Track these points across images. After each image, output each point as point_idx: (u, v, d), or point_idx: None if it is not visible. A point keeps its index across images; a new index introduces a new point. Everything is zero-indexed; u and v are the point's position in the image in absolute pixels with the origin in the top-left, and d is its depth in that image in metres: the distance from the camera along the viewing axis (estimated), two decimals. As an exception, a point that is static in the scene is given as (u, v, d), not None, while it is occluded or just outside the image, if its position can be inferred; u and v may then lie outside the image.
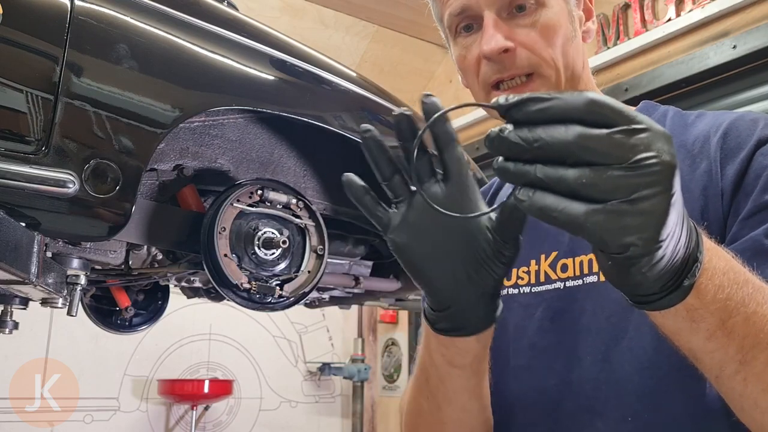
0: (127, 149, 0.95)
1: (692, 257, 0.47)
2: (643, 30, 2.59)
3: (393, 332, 3.93)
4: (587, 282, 0.73)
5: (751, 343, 0.50)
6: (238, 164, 1.29)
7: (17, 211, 0.87)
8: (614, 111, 0.40)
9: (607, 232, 0.39)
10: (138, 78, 0.97)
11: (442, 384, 0.69)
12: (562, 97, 0.40)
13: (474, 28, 0.76)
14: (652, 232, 0.40)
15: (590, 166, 0.39)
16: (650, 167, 0.39)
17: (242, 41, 1.14)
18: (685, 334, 0.51)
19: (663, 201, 0.40)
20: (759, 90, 2.31)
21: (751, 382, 0.51)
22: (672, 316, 0.49)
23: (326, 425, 3.81)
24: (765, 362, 0.51)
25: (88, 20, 0.94)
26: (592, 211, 0.39)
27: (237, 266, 1.16)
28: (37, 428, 2.90)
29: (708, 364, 0.53)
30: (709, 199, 0.67)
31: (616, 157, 0.39)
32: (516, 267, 0.80)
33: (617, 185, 0.39)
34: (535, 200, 0.41)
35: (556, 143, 0.40)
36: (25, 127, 0.88)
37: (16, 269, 0.81)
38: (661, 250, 0.42)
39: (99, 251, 1.16)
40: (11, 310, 1.27)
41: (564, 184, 0.40)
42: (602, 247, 0.42)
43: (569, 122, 0.40)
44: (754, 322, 0.50)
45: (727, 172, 0.66)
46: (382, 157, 0.57)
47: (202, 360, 3.45)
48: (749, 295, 0.50)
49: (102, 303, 1.62)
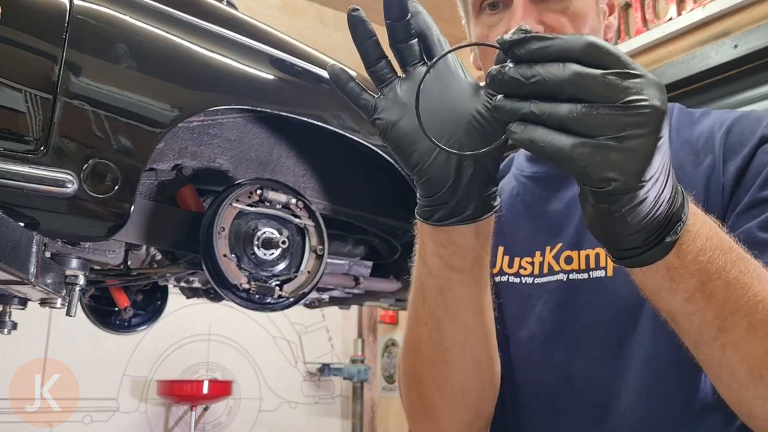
0: (126, 149, 0.95)
1: (676, 216, 0.48)
2: (644, 29, 2.59)
3: (393, 333, 3.93)
4: (593, 276, 0.73)
5: (730, 309, 0.51)
6: (237, 164, 1.29)
7: (16, 210, 0.87)
8: (611, 54, 0.42)
9: (591, 164, 0.41)
10: (137, 77, 0.97)
11: (442, 296, 0.64)
12: (563, 37, 0.43)
13: (500, 7, 0.75)
14: (635, 170, 0.41)
15: (582, 103, 0.41)
16: (640, 109, 0.41)
17: (241, 40, 1.13)
18: (665, 294, 0.51)
19: (649, 142, 0.41)
20: (760, 89, 2.30)
21: (729, 349, 0.52)
22: (653, 274, 0.50)
23: (326, 426, 3.81)
24: (745, 329, 0.51)
25: (87, 19, 0.93)
26: (580, 144, 0.41)
27: (236, 266, 1.16)
28: (37, 428, 2.90)
29: (687, 328, 0.53)
30: (711, 194, 0.67)
31: (608, 97, 0.41)
32: (519, 256, 0.80)
33: (606, 122, 0.40)
34: (525, 132, 0.43)
35: (552, 79, 0.42)
36: (23, 127, 0.88)
37: (14, 269, 0.81)
38: (642, 191, 0.43)
39: (98, 251, 1.16)
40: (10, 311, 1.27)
41: (555, 118, 0.42)
42: (585, 179, 0.43)
43: (568, 61, 0.42)
44: (735, 288, 0.51)
45: (729, 167, 0.67)
46: (368, 39, 0.55)
47: (202, 360, 3.44)
48: (732, 261, 0.51)
49: (101, 303, 1.62)
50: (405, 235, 1.51)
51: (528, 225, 0.81)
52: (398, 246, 1.55)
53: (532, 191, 0.84)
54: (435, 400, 0.71)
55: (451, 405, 0.70)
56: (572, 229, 0.76)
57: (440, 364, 0.68)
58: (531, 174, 0.85)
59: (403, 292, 1.63)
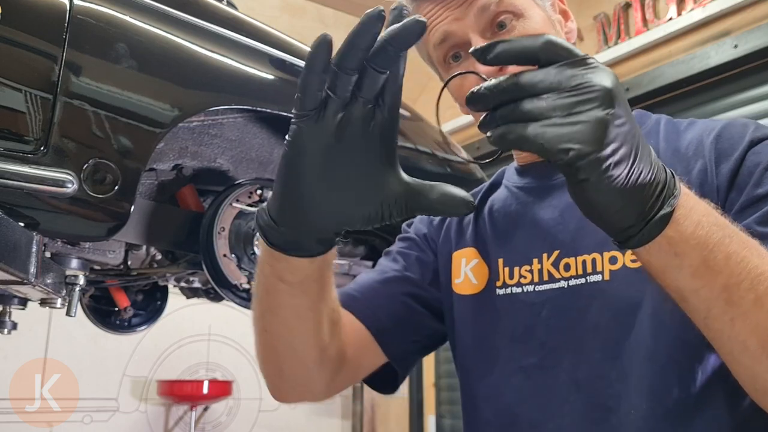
0: (126, 149, 0.95)
1: (668, 191, 0.51)
2: (644, 29, 2.59)
3: (393, 332, 3.93)
4: (590, 281, 0.74)
5: (735, 281, 0.53)
6: (237, 164, 1.29)
7: (16, 210, 0.87)
8: (566, 49, 0.47)
9: (546, 140, 0.46)
10: (137, 77, 0.97)
11: (267, 295, 0.69)
12: (523, 39, 0.48)
13: (462, 56, 0.78)
14: (587, 138, 0.46)
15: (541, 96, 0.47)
16: (588, 89, 0.46)
17: (242, 40, 1.13)
18: (671, 271, 0.53)
19: (599, 111, 0.46)
20: (760, 89, 2.30)
21: (739, 322, 0.53)
22: (656, 251, 0.52)
23: (326, 426, 3.81)
24: (753, 302, 0.53)
25: (87, 19, 0.93)
26: (537, 126, 0.46)
27: (236, 266, 1.16)
28: (37, 428, 2.90)
29: (695, 305, 0.55)
30: (705, 196, 0.68)
31: (562, 85, 0.46)
32: (518, 266, 0.81)
33: (557, 105, 0.46)
34: (497, 132, 0.48)
35: (515, 82, 0.47)
36: (23, 127, 0.88)
37: (14, 269, 0.81)
38: (604, 156, 0.46)
39: (98, 251, 1.16)
40: (10, 311, 1.27)
41: (518, 114, 0.47)
42: (545, 154, 0.46)
43: (529, 57, 0.48)
44: (737, 261, 0.53)
45: (722, 170, 0.69)
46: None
47: (202, 360, 3.44)
48: (729, 236, 0.54)
49: (101, 303, 1.62)
50: (405, 235, 1.51)
51: (523, 234, 0.82)
52: (398, 246, 1.55)
53: (525, 201, 0.85)
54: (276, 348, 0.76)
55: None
56: (568, 236, 0.77)
57: (266, 334, 0.75)
58: (522, 185, 0.87)
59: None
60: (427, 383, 3.63)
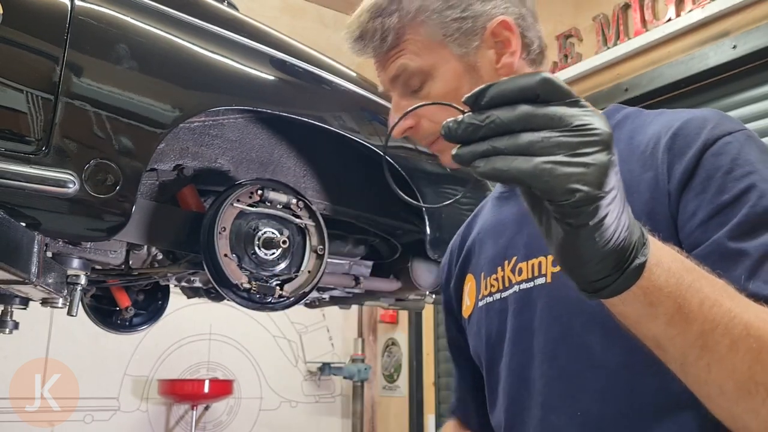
0: (127, 149, 0.95)
1: (639, 240, 0.49)
2: (643, 30, 2.59)
3: (393, 332, 3.93)
4: (537, 283, 0.76)
5: (710, 327, 0.52)
6: (238, 164, 1.29)
7: (17, 211, 0.87)
8: (561, 88, 0.45)
9: (554, 177, 0.43)
10: (138, 78, 0.98)
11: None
12: (519, 79, 0.45)
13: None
14: (595, 180, 0.44)
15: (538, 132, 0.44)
16: (591, 131, 0.44)
17: (242, 41, 1.14)
18: (646, 321, 0.52)
19: (604, 156, 0.44)
20: (759, 90, 2.30)
21: (715, 368, 0.53)
22: (631, 300, 0.51)
23: (326, 425, 3.82)
24: (728, 347, 0.52)
25: (88, 20, 0.94)
26: (542, 162, 0.43)
27: (237, 266, 1.17)
28: (37, 428, 2.90)
29: (672, 353, 0.54)
30: (657, 201, 0.68)
31: (561, 123, 0.44)
32: (489, 275, 0.84)
33: (561, 143, 0.44)
34: (488, 163, 0.45)
35: (507, 116, 0.44)
36: (25, 127, 0.88)
37: (16, 269, 0.81)
38: (604, 203, 0.45)
39: (99, 251, 1.16)
40: (11, 310, 1.28)
41: (513, 147, 0.44)
42: (550, 193, 0.44)
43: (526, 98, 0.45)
44: (709, 306, 0.52)
45: (674, 173, 0.67)
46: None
47: (202, 360, 3.45)
48: (698, 280, 0.52)
49: (102, 303, 1.62)
50: (405, 235, 1.52)
51: (492, 244, 0.86)
52: (398, 246, 1.55)
53: (495, 210, 0.89)
54: None
55: None
56: (524, 240, 0.79)
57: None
58: (498, 194, 0.91)
59: (403, 291, 1.64)
60: (426, 382, 3.64)
